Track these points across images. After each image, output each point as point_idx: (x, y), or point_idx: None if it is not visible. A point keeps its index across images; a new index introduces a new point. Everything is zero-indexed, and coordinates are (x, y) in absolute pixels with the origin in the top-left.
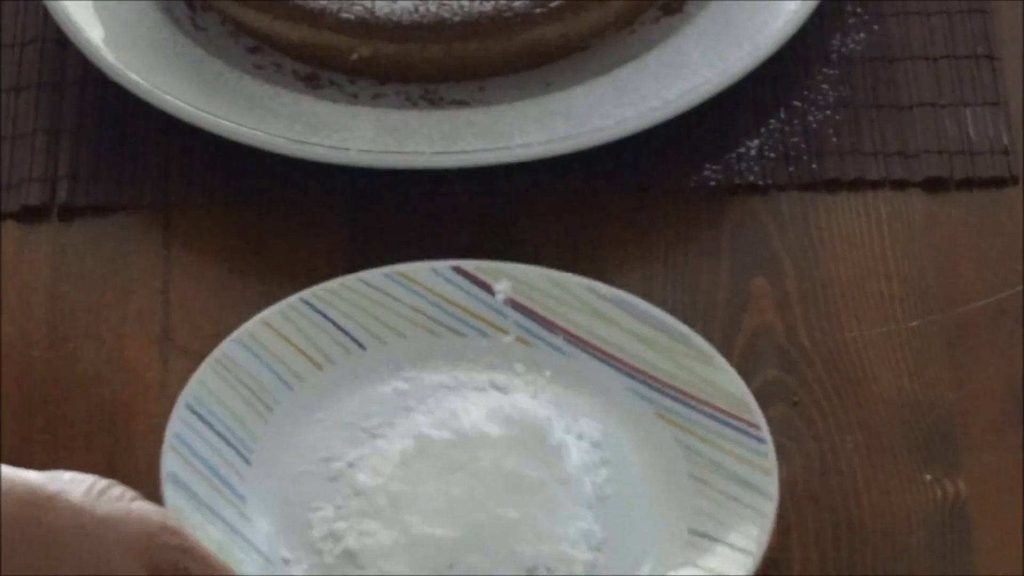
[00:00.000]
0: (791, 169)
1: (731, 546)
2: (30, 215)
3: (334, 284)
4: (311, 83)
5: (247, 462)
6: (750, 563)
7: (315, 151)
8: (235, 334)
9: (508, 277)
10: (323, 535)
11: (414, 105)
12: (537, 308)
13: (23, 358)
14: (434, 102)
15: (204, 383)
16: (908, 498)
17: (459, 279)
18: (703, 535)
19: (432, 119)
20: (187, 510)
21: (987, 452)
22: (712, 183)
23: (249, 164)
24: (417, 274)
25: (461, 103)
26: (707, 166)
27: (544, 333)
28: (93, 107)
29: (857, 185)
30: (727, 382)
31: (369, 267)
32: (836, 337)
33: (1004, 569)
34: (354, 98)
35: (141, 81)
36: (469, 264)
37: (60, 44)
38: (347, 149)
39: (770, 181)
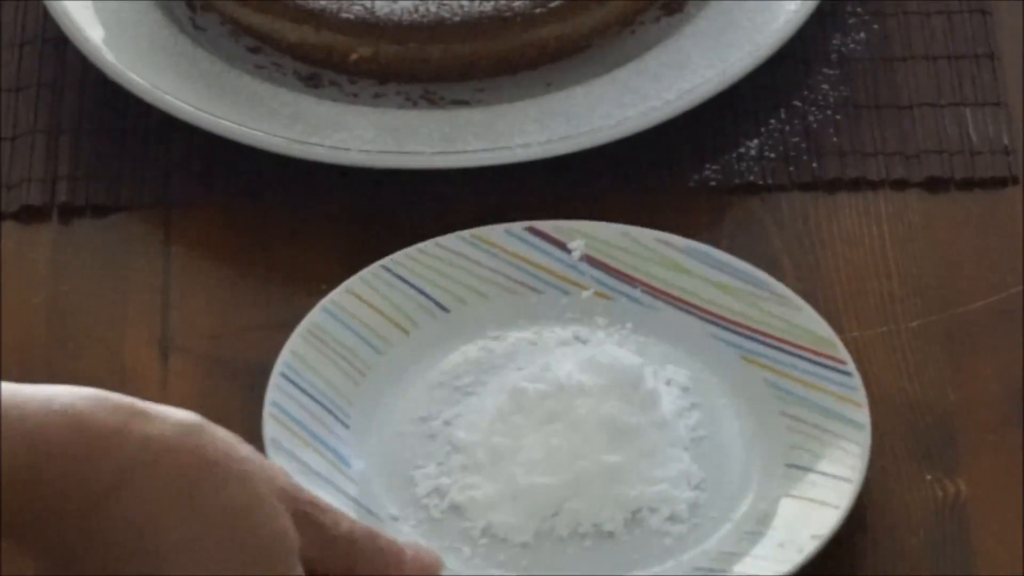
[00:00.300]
0: (791, 169)
1: (830, 475)
2: (30, 215)
3: (412, 250)
4: (311, 83)
5: (345, 426)
6: (851, 490)
7: (315, 151)
8: (321, 303)
9: (582, 235)
10: (428, 491)
11: (414, 105)
12: (613, 263)
13: (23, 358)
14: (434, 102)
15: (296, 352)
16: (908, 498)
17: (534, 239)
18: (800, 467)
19: (432, 119)
20: (293, 474)
21: (987, 452)
22: (712, 183)
23: (249, 164)
24: (492, 236)
25: (461, 103)
26: (707, 166)
27: (622, 287)
28: (93, 107)
29: (857, 185)
30: (808, 322)
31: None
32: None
33: (1004, 569)
34: (354, 98)
35: (141, 81)
36: (543, 224)
37: (60, 44)
38: (347, 149)
39: (770, 181)
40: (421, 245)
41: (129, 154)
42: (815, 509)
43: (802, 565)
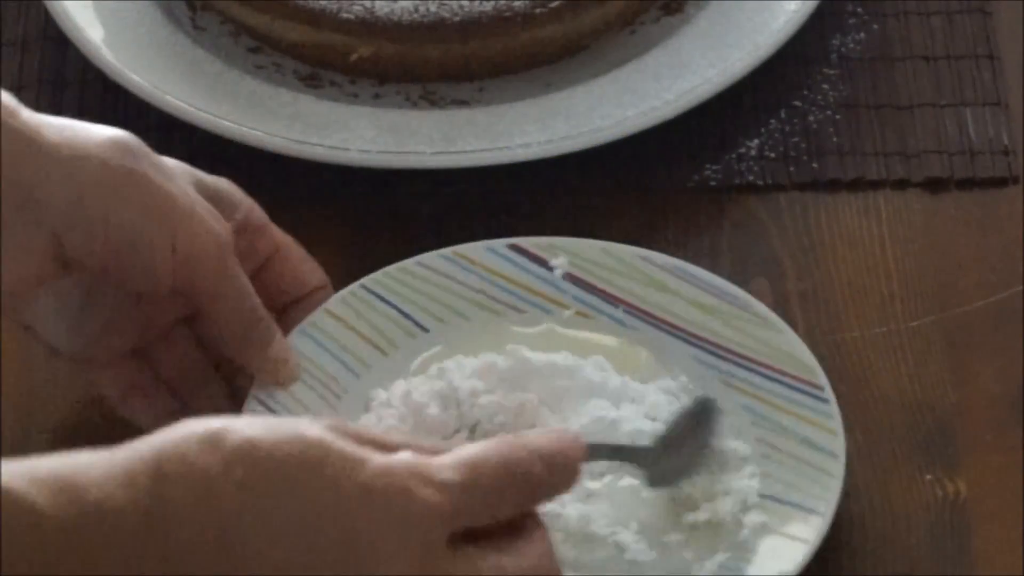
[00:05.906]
0: (791, 169)
1: (802, 508)
2: None
3: (391, 269)
4: (311, 83)
5: None
6: (821, 524)
7: (315, 151)
8: (299, 326)
9: (564, 252)
10: None
11: (414, 105)
12: (595, 281)
13: (23, 358)
14: (434, 102)
15: None
16: (908, 498)
17: (516, 256)
18: (772, 499)
19: (432, 119)
20: None
21: (987, 452)
22: (712, 183)
23: (249, 164)
24: (474, 253)
25: (461, 103)
26: (707, 166)
27: (604, 306)
28: (93, 107)
29: (857, 185)
30: (788, 345)
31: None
32: (836, 337)
33: (1004, 569)
34: (354, 98)
35: (141, 81)
36: (525, 241)
37: (60, 44)
38: (347, 149)
39: (770, 181)
40: (400, 264)
41: None
42: (784, 544)
43: None
